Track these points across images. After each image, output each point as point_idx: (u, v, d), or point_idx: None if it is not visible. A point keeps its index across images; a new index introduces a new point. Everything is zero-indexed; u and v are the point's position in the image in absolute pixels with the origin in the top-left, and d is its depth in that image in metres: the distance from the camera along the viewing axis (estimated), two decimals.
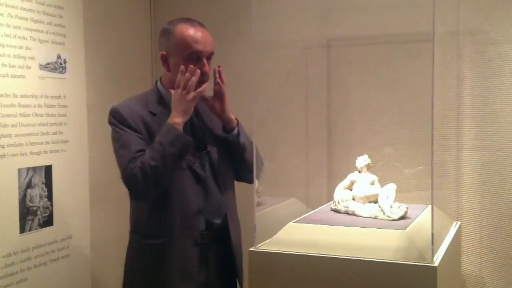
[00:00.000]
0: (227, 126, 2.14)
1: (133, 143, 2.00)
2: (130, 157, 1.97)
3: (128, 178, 1.96)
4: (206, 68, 2.04)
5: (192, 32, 2.03)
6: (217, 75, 2.11)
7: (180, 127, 1.96)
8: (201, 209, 2.06)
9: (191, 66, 1.98)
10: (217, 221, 2.10)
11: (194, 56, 2.02)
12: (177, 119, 1.96)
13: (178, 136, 1.94)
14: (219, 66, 2.11)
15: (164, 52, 2.08)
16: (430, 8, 1.78)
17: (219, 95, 2.12)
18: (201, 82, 2.02)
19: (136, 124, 2.03)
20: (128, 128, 2.02)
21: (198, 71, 1.98)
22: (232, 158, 2.17)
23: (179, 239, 2.03)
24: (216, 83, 2.11)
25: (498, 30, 2.50)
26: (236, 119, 2.17)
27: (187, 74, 1.96)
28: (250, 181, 2.16)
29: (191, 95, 1.97)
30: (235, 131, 2.13)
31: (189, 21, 2.08)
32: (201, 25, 2.09)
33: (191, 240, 2.04)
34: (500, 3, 2.50)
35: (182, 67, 1.98)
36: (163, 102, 2.10)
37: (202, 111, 2.17)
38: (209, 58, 2.07)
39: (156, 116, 2.06)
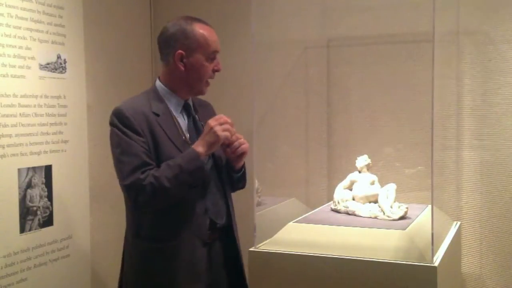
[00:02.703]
0: (233, 167, 2.13)
1: (138, 150, 1.96)
2: (135, 165, 1.93)
3: (133, 188, 1.93)
4: (220, 67, 2.10)
5: (209, 32, 2.09)
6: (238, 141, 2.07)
7: (204, 159, 1.97)
8: (207, 209, 2.05)
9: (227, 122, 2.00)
10: (220, 221, 2.09)
11: (214, 55, 2.08)
12: (201, 149, 1.96)
13: (200, 168, 1.94)
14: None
15: (181, 51, 2.05)
16: (430, 8, 1.78)
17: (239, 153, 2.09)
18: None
19: (141, 127, 1.98)
20: (131, 132, 1.97)
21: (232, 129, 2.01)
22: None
23: (188, 240, 2.01)
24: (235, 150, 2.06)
25: (498, 30, 2.50)
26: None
27: (227, 118, 2.00)
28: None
29: (224, 133, 1.97)
30: (241, 173, 2.14)
31: (201, 21, 2.11)
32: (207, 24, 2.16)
33: (199, 240, 2.03)
34: (500, 3, 2.50)
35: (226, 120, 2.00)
36: (164, 102, 2.09)
37: (199, 111, 2.17)
38: None
39: (159, 116, 2.04)
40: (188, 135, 2.07)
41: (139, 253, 2.07)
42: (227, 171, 2.13)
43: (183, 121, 2.09)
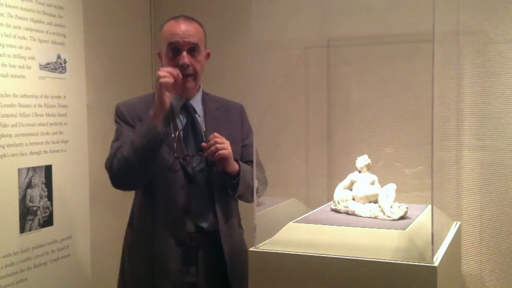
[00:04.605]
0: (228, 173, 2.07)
1: (123, 136, 2.04)
2: (116, 148, 2.02)
3: (106, 167, 2.04)
4: (184, 60, 2.02)
5: (172, 25, 2.06)
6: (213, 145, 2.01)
7: (155, 120, 1.94)
8: (188, 210, 2.06)
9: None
10: (204, 224, 2.08)
11: (172, 49, 2.04)
12: (151, 112, 1.96)
13: (150, 127, 1.94)
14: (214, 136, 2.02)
15: (158, 51, 2.14)
16: (430, 8, 1.78)
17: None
18: (185, 75, 2.04)
19: (133, 121, 2.06)
20: (124, 123, 2.08)
21: (165, 69, 1.98)
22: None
23: (161, 238, 2.04)
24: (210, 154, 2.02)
25: (498, 30, 2.50)
26: (238, 161, 2.10)
27: (170, 70, 1.97)
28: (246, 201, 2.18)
29: (163, 80, 1.94)
30: (235, 180, 2.07)
31: (176, 17, 2.11)
32: (187, 18, 2.10)
33: (174, 240, 2.04)
34: (500, 3, 2.50)
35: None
36: None
37: (209, 113, 2.17)
38: (192, 50, 2.05)
39: None
40: (181, 134, 2.07)
41: (126, 242, 2.17)
42: (223, 175, 2.09)
43: (180, 121, 2.10)
